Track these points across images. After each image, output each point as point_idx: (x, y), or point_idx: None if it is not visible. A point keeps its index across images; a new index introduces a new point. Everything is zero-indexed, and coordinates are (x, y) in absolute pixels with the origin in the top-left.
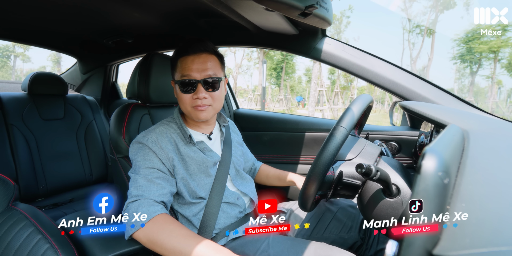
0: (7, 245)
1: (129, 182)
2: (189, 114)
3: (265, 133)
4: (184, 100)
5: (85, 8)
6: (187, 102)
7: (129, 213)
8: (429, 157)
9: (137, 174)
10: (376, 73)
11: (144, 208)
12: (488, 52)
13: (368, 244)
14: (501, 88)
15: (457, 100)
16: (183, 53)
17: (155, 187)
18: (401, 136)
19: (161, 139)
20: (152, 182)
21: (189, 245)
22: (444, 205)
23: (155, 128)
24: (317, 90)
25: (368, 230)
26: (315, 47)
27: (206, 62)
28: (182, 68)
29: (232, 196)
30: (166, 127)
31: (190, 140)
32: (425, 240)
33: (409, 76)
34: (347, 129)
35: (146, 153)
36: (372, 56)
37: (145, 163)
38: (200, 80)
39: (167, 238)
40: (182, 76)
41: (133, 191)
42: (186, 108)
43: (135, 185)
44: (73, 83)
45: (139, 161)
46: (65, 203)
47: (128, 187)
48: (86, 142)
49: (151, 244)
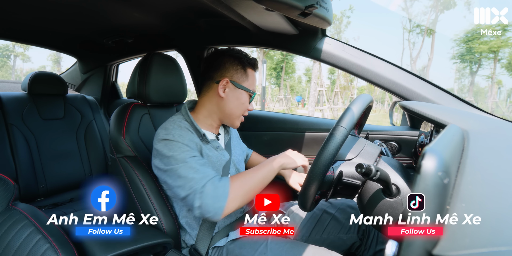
0: (7, 245)
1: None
2: (233, 120)
3: (265, 133)
4: (244, 108)
5: (85, 8)
6: (243, 109)
7: (210, 192)
8: (429, 157)
9: (186, 162)
10: (376, 73)
11: (219, 182)
12: (488, 52)
13: (367, 245)
14: (501, 88)
15: (457, 100)
16: (253, 67)
17: (209, 169)
18: (401, 136)
19: (184, 134)
20: (204, 165)
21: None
22: (444, 205)
23: (173, 125)
24: (317, 90)
25: (367, 230)
26: (315, 47)
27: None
28: (252, 81)
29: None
30: (181, 123)
31: (204, 138)
32: (425, 240)
33: (409, 76)
34: (347, 129)
35: (180, 146)
36: (372, 56)
37: (186, 153)
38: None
39: (247, 185)
40: (253, 89)
41: (193, 175)
42: (237, 114)
43: (193, 171)
44: (73, 82)
45: (179, 154)
46: (65, 203)
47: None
48: (86, 142)
49: (244, 198)
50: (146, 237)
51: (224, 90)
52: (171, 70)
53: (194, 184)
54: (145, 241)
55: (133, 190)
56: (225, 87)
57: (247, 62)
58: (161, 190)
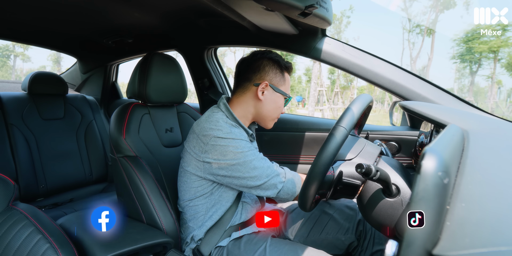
0: (7, 245)
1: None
2: (268, 122)
3: (265, 133)
4: (280, 111)
5: (85, 8)
6: (279, 112)
7: (289, 176)
8: (429, 157)
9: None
10: (376, 73)
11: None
12: (488, 52)
13: (364, 246)
14: (501, 88)
15: (457, 100)
16: (290, 71)
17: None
18: (401, 136)
19: (242, 133)
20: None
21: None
22: (444, 205)
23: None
24: (317, 90)
25: (364, 231)
26: (315, 47)
27: None
28: (288, 85)
29: (250, 197)
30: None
31: (251, 137)
32: (425, 240)
33: (409, 76)
34: (347, 129)
35: (245, 144)
36: (372, 56)
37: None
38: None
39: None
40: (287, 92)
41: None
42: (273, 116)
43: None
44: (73, 82)
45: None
46: (65, 203)
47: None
48: (86, 141)
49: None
50: (146, 237)
51: (263, 93)
52: (171, 70)
53: (273, 172)
54: (145, 241)
55: (133, 190)
56: (263, 90)
57: (284, 66)
58: (161, 190)
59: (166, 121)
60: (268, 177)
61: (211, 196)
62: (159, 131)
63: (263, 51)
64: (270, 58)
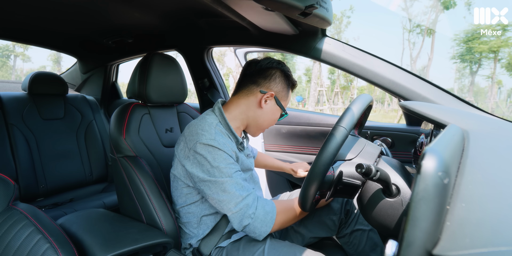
0: (7, 245)
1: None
2: (257, 130)
3: (283, 127)
4: (272, 123)
5: (85, 7)
6: (272, 123)
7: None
8: (429, 157)
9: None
10: (376, 73)
11: (268, 206)
12: (488, 52)
13: (347, 224)
14: (501, 88)
15: (457, 100)
16: (293, 88)
17: (249, 184)
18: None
19: (227, 142)
20: (245, 180)
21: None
22: (444, 205)
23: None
24: (317, 90)
25: (350, 211)
26: (315, 47)
27: None
28: (287, 101)
29: None
30: (220, 128)
31: (241, 146)
32: (425, 240)
33: (409, 76)
34: (347, 129)
35: (225, 158)
36: (372, 56)
37: (231, 167)
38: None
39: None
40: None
41: (241, 192)
42: (263, 127)
43: (239, 187)
44: (73, 82)
45: (224, 167)
46: (65, 203)
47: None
48: (86, 141)
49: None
50: (146, 237)
51: (266, 102)
52: (171, 70)
53: (244, 203)
54: (145, 241)
55: (133, 190)
56: (267, 99)
57: (292, 83)
58: (161, 190)
59: (166, 121)
60: (236, 207)
61: (202, 205)
62: (159, 131)
63: (279, 61)
64: (283, 70)
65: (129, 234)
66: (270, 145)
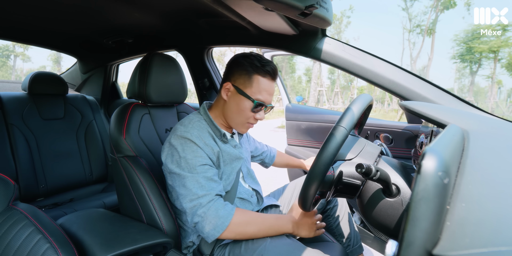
0: (7, 245)
1: (186, 181)
2: (237, 126)
3: (302, 123)
4: (246, 115)
5: (85, 7)
6: (247, 117)
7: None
8: (429, 157)
9: (194, 173)
10: (376, 73)
11: (223, 210)
12: (488, 52)
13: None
14: (501, 88)
15: (457, 100)
16: (263, 74)
17: (214, 184)
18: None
19: (202, 135)
20: (211, 180)
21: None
22: (444, 205)
23: (191, 123)
24: (317, 90)
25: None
26: (315, 47)
27: (274, 90)
28: (260, 90)
29: (246, 193)
30: (200, 123)
31: (223, 138)
32: (425, 240)
33: (409, 76)
34: (347, 129)
35: (194, 150)
36: (372, 56)
37: (197, 160)
38: (268, 105)
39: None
40: (258, 97)
41: (197, 191)
42: (241, 121)
43: (198, 186)
44: (73, 82)
45: (190, 158)
46: (65, 203)
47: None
48: (86, 142)
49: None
50: (146, 237)
51: (227, 94)
52: (171, 70)
53: (198, 201)
54: (145, 241)
55: (133, 190)
56: (228, 90)
57: (254, 69)
58: (162, 190)
59: (166, 121)
60: (190, 204)
61: None
62: (159, 131)
63: (245, 54)
64: (239, 58)
65: (129, 234)
66: (292, 140)
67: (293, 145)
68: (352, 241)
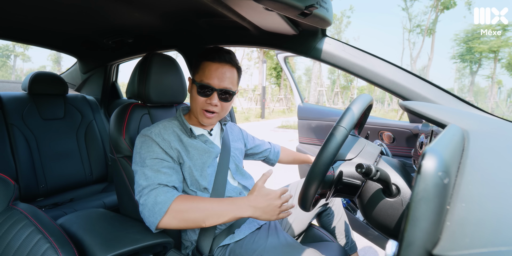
0: (7, 245)
1: (136, 175)
2: (197, 115)
3: (312, 122)
4: (197, 100)
5: (85, 7)
6: (199, 103)
7: (148, 204)
8: (429, 157)
9: (144, 166)
10: (376, 73)
11: (162, 196)
12: (488, 51)
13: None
14: (501, 88)
15: (457, 100)
16: (210, 58)
17: (163, 175)
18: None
19: (163, 131)
20: (159, 171)
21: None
22: (444, 205)
23: (158, 123)
24: (317, 90)
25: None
26: (315, 47)
27: (227, 74)
28: (205, 73)
29: (234, 190)
30: (169, 123)
31: (191, 133)
32: (425, 240)
33: (409, 76)
34: (347, 129)
35: (149, 145)
36: (372, 56)
37: (149, 154)
38: (217, 89)
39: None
40: (202, 80)
41: (142, 182)
42: (197, 108)
43: (144, 177)
44: (73, 82)
45: (143, 153)
46: (65, 203)
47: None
48: (86, 141)
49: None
50: (146, 237)
51: (189, 88)
52: (171, 70)
53: (141, 193)
54: (145, 241)
55: (133, 190)
56: (189, 85)
57: (202, 57)
58: None
59: None
60: (137, 195)
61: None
62: None
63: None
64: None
65: (129, 234)
66: (303, 138)
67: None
68: (348, 240)
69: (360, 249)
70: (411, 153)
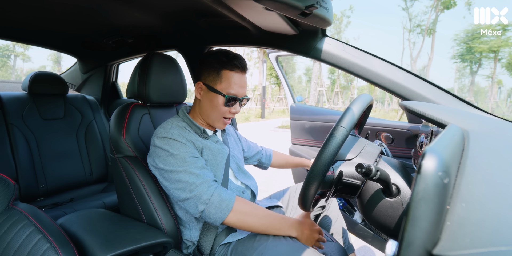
0: (7, 245)
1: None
2: (213, 121)
3: (306, 122)
4: (220, 110)
5: (86, 7)
6: (221, 112)
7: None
8: (429, 157)
9: (186, 166)
10: (376, 73)
11: (224, 194)
12: (488, 51)
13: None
14: (501, 88)
15: (457, 100)
16: (231, 68)
17: (208, 172)
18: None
19: (182, 133)
20: (203, 168)
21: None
22: (444, 205)
23: (169, 125)
24: (317, 90)
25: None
26: (315, 47)
27: (246, 82)
28: (231, 85)
29: (237, 189)
30: (178, 124)
31: (204, 134)
32: (425, 240)
33: (409, 76)
34: (347, 129)
35: (179, 146)
36: (372, 56)
37: (185, 154)
38: (241, 98)
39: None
40: (229, 92)
41: (194, 180)
42: (216, 116)
43: (193, 175)
44: (73, 82)
45: (178, 154)
46: (65, 203)
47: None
48: (86, 141)
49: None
50: (146, 237)
51: (200, 93)
52: (171, 70)
53: (198, 190)
54: (145, 241)
55: (133, 190)
56: (201, 89)
57: (221, 64)
58: (161, 190)
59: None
60: (190, 193)
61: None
62: None
63: (211, 51)
64: (207, 55)
65: (129, 234)
66: (296, 139)
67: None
68: (345, 241)
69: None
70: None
